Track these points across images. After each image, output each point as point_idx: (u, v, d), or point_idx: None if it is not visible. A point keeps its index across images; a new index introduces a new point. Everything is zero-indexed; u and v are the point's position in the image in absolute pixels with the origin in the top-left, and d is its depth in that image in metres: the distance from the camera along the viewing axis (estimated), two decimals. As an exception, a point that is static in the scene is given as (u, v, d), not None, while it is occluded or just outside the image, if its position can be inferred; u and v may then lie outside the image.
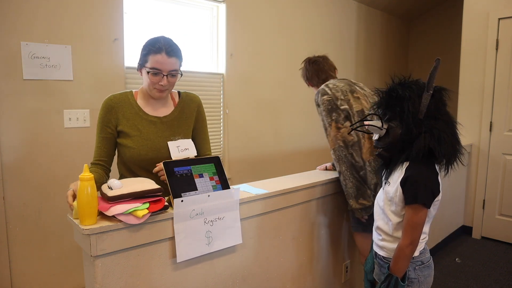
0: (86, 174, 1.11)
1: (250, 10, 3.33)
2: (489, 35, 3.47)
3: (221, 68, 3.19)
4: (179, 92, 1.63)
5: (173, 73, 1.44)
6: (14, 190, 2.13)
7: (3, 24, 2.04)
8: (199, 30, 3.10)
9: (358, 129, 1.45)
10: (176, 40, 1.50)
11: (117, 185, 1.19)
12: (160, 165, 1.35)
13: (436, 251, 3.27)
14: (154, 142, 1.48)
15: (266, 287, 1.64)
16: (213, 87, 3.13)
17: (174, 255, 1.28)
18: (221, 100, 3.20)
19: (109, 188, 1.20)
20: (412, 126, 1.25)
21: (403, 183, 1.28)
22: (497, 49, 3.44)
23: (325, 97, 1.82)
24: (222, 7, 3.13)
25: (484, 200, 3.62)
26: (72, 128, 2.32)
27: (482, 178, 3.61)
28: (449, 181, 3.34)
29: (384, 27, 5.09)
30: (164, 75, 1.42)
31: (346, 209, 2.05)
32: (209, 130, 3.16)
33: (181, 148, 1.50)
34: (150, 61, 1.41)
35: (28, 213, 2.19)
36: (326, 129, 1.82)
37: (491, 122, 3.52)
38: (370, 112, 1.39)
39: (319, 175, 1.94)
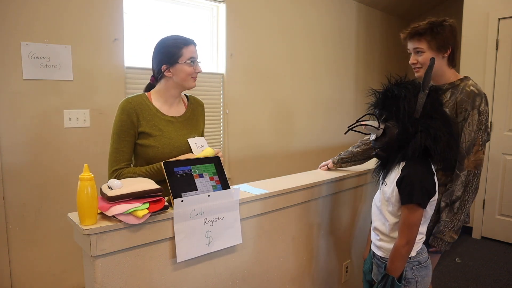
0: (86, 174, 1.11)
1: (250, 10, 3.33)
2: (489, 35, 3.47)
3: (221, 68, 3.19)
4: (186, 95, 1.72)
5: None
6: (14, 190, 2.13)
7: (3, 24, 2.04)
8: (199, 30, 3.10)
9: (355, 129, 1.46)
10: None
11: (117, 185, 1.19)
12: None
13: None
14: (175, 140, 1.55)
15: (266, 287, 1.64)
16: (213, 87, 3.14)
17: (174, 255, 1.28)
18: (221, 100, 3.20)
19: (109, 188, 1.20)
20: (408, 125, 1.26)
21: (399, 183, 1.28)
22: (497, 49, 3.44)
23: (487, 108, 1.54)
24: (222, 7, 3.13)
25: (484, 200, 3.62)
26: (72, 128, 2.32)
27: (482, 178, 3.59)
28: (449, 181, 3.34)
29: (384, 27, 5.09)
30: (198, 62, 1.57)
31: (345, 209, 2.05)
32: (209, 130, 3.19)
33: (198, 145, 1.58)
34: (185, 54, 1.52)
35: (28, 213, 2.19)
36: (470, 146, 1.51)
37: (491, 122, 3.52)
38: (367, 113, 1.39)
39: (319, 175, 1.94)
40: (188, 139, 1.59)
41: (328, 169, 2.05)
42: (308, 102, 4.03)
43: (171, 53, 1.52)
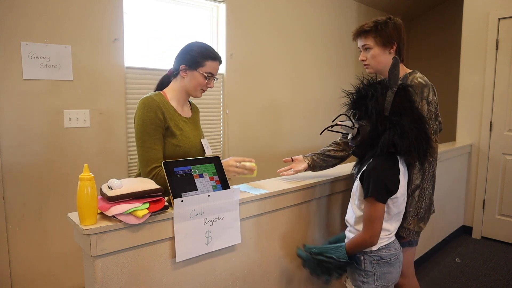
0: (86, 174, 1.11)
1: (250, 10, 3.33)
2: (489, 35, 3.47)
3: (221, 68, 3.19)
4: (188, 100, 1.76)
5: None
6: (14, 190, 2.13)
7: (3, 24, 2.04)
8: (199, 30, 3.10)
9: (332, 129, 1.51)
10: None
11: (117, 185, 1.19)
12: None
13: (436, 251, 3.27)
14: (192, 140, 1.61)
15: (266, 287, 1.65)
16: (213, 87, 3.13)
17: (174, 255, 1.28)
18: (221, 100, 3.20)
19: (109, 188, 1.20)
20: (377, 123, 1.31)
21: (361, 177, 1.35)
22: (497, 49, 3.44)
23: (436, 98, 1.61)
24: (222, 7, 3.13)
25: (484, 200, 3.62)
26: (72, 128, 2.32)
27: (482, 178, 3.61)
28: (449, 181, 3.34)
29: (384, 27, 5.08)
30: (214, 78, 1.63)
31: (345, 209, 2.05)
32: (209, 130, 3.19)
33: (206, 146, 1.70)
34: (208, 66, 1.56)
35: (28, 213, 2.19)
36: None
37: (491, 122, 3.52)
38: (341, 113, 1.45)
39: (319, 174, 1.94)
40: (201, 140, 1.68)
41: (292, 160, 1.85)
42: (308, 102, 4.03)
43: (195, 59, 1.55)
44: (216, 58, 1.58)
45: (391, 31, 1.63)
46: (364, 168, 1.35)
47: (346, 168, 2.09)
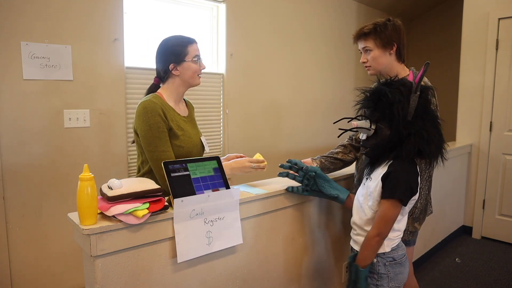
0: (86, 174, 1.11)
1: (250, 10, 3.33)
2: (489, 35, 3.47)
3: (221, 68, 3.20)
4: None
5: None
6: (14, 190, 2.13)
7: (3, 24, 2.04)
8: (199, 30, 3.10)
9: (350, 129, 1.49)
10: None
11: (117, 185, 1.19)
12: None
13: (436, 251, 3.27)
14: (194, 139, 1.62)
15: (266, 287, 1.64)
16: (213, 87, 3.14)
17: (174, 255, 1.28)
18: (221, 100, 3.20)
19: (109, 188, 1.20)
20: (401, 128, 1.28)
21: (384, 178, 1.31)
22: (497, 49, 3.44)
23: (435, 99, 1.61)
24: (222, 7, 3.13)
25: (484, 200, 3.62)
26: (72, 128, 2.32)
27: (482, 178, 3.61)
28: (449, 181, 3.34)
29: (384, 27, 5.08)
30: (201, 59, 1.62)
31: (345, 209, 2.05)
32: (209, 130, 3.19)
33: (205, 143, 1.70)
34: (191, 51, 1.56)
35: (28, 212, 2.19)
36: None
37: (491, 122, 3.52)
38: (358, 115, 1.42)
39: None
40: (201, 137, 1.68)
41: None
42: (308, 102, 4.03)
43: (177, 52, 1.55)
44: (192, 40, 1.59)
45: (391, 33, 1.65)
46: (386, 169, 1.32)
47: (346, 168, 2.09)
